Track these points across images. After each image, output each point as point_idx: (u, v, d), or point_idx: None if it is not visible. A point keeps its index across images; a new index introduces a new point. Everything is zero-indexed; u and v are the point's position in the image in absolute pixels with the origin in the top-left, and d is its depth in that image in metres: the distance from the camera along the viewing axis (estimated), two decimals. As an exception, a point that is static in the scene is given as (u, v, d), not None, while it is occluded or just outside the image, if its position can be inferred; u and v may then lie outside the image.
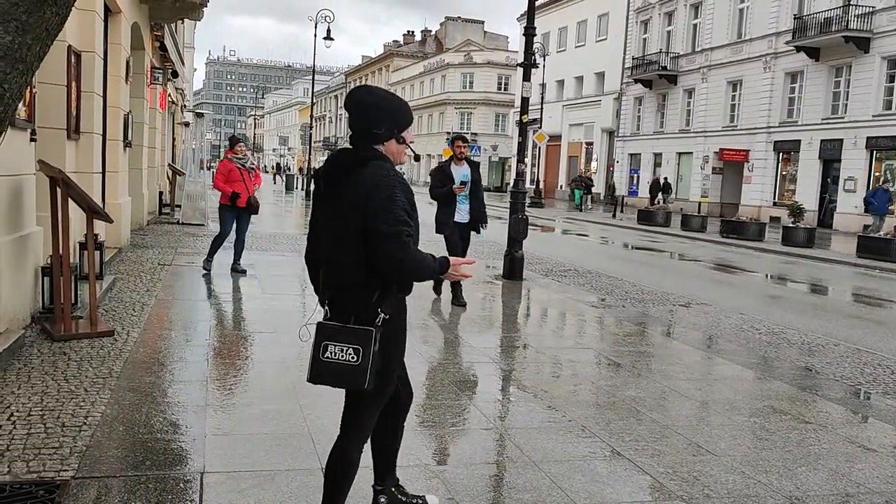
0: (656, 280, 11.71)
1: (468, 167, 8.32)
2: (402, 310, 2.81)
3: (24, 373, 4.77)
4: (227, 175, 9.42)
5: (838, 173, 28.00)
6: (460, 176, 8.22)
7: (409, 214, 2.59)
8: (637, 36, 40.96)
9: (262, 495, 3.26)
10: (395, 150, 2.71)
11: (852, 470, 4.05)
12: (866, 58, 26.84)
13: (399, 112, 2.72)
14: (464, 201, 8.25)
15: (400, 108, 2.74)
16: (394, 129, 2.68)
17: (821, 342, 7.49)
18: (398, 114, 2.71)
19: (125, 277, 8.64)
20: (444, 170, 8.33)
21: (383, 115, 2.68)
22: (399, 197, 2.56)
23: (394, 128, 2.68)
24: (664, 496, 3.56)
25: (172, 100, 24.54)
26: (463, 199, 8.23)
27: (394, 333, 2.73)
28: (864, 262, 16.65)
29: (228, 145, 9.79)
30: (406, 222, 2.55)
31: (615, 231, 24.10)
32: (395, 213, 2.54)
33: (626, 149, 41.91)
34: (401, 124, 2.71)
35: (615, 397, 5.13)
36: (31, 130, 6.14)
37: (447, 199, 8.21)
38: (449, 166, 8.33)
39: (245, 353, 5.72)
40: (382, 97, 2.74)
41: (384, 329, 2.64)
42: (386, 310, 2.64)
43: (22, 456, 3.49)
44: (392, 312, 2.67)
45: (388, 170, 2.62)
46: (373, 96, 2.73)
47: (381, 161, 2.65)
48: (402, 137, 2.71)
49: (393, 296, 2.68)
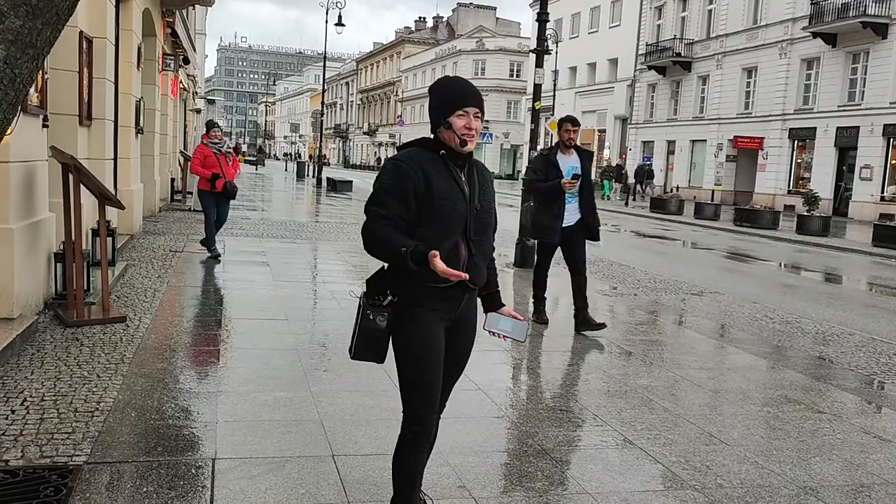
0: (668, 268, 11.64)
1: (577, 157, 6.67)
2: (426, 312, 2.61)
3: (38, 358, 4.80)
4: (202, 160, 9.46)
5: (854, 161, 27.73)
6: (569, 167, 6.52)
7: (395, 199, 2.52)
8: (651, 22, 40.57)
9: (273, 481, 3.27)
10: (447, 137, 2.61)
11: (867, 460, 4.01)
12: (884, 44, 26.49)
13: (443, 96, 2.64)
14: (571, 199, 6.60)
15: (445, 92, 2.65)
16: (440, 116, 2.61)
17: (835, 331, 7.43)
18: (441, 98, 2.64)
19: (137, 264, 8.67)
20: (549, 159, 6.65)
21: (433, 102, 2.66)
22: (384, 179, 2.56)
23: (440, 115, 2.61)
24: (676, 485, 3.53)
25: (184, 86, 24.57)
26: (570, 197, 6.58)
27: (404, 327, 2.61)
28: (880, 251, 16.49)
29: (205, 130, 9.86)
30: (377, 202, 2.54)
31: (627, 219, 23.98)
32: (373, 193, 2.58)
33: (638, 136, 41.65)
34: (447, 108, 2.60)
35: (627, 386, 5.10)
36: (43, 116, 6.14)
37: (552, 197, 6.53)
38: (555, 155, 6.64)
39: (256, 339, 5.73)
40: (435, 85, 2.70)
41: (395, 317, 2.60)
42: (395, 292, 2.59)
43: (35, 441, 3.51)
44: (402, 298, 2.59)
45: (397, 156, 2.62)
46: (434, 84, 2.70)
47: (412, 147, 2.66)
48: (447, 122, 2.59)
49: (406, 280, 2.55)
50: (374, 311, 2.59)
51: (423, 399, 2.63)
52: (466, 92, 2.63)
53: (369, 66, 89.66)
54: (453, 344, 2.74)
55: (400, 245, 2.45)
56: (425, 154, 2.62)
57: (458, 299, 2.67)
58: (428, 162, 2.58)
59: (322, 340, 5.78)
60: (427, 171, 2.55)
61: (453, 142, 2.59)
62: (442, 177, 2.57)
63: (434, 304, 2.62)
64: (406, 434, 2.66)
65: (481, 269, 2.69)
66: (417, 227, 2.54)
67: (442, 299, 2.63)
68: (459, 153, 2.62)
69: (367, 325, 2.59)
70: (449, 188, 2.57)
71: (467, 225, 2.61)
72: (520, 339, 2.75)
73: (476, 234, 2.64)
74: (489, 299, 2.83)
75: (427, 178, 2.54)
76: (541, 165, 6.73)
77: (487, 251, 2.74)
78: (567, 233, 6.61)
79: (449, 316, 2.68)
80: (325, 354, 5.44)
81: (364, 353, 2.65)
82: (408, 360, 2.62)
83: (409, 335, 2.61)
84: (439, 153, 2.60)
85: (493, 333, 2.74)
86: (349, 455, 3.60)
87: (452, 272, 2.41)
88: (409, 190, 2.52)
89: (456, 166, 2.63)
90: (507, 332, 2.71)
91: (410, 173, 2.53)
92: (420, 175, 2.53)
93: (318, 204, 22.75)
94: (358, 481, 3.32)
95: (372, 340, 2.62)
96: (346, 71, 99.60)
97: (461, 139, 2.58)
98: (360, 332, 2.62)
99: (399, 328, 2.61)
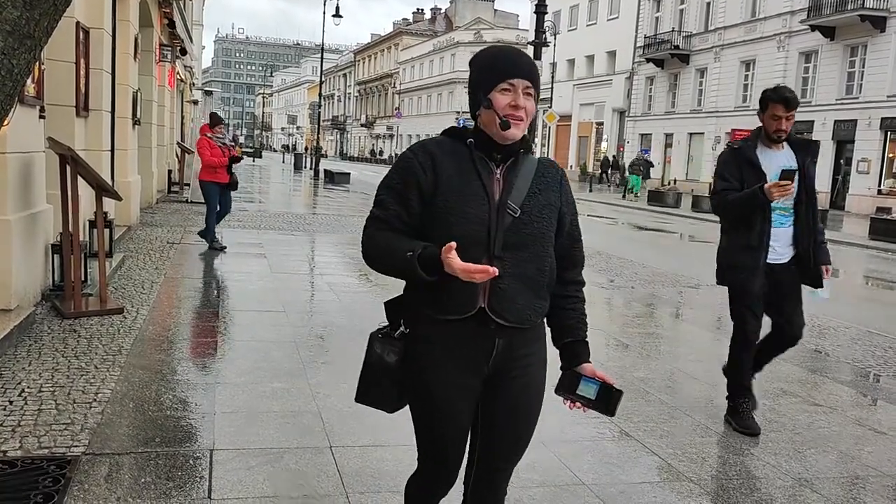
0: (666, 261, 11.66)
1: (792, 152, 4.21)
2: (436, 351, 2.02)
3: (35, 349, 4.80)
4: (211, 151, 9.61)
5: (851, 154, 27.76)
6: (777, 168, 4.05)
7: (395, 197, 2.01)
8: (649, 14, 40.50)
9: (271, 472, 3.28)
10: (487, 120, 1.99)
11: (862, 452, 4.03)
12: (882, 37, 26.47)
13: (483, 67, 2.03)
14: (782, 219, 4.17)
15: (486, 62, 2.04)
16: (479, 93, 2.00)
17: (831, 324, 7.45)
18: (481, 69, 2.03)
19: (135, 255, 8.67)
20: (745, 155, 4.15)
21: (472, 77, 2.06)
22: (389, 174, 2.06)
23: (479, 91, 2.01)
24: (673, 477, 3.55)
25: (181, 78, 24.48)
26: (783, 214, 4.16)
27: (408, 366, 2.07)
28: (877, 244, 16.53)
29: (209, 124, 9.90)
30: (377, 202, 2.03)
31: (624, 212, 23.99)
32: (376, 193, 2.08)
33: (636, 129, 41.61)
34: (487, 81, 2.00)
35: (624, 378, 5.12)
36: (39, 107, 6.13)
37: (748, 213, 4.09)
38: (753, 150, 4.16)
39: (254, 331, 5.73)
40: (475, 56, 2.08)
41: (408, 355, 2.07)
42: (407, 322, 2.07)
43: (33, 432, 3.52)
44: (414, 330, 2.05)
45: (412, 145, 2.09)
46: (474, 57, 2.10)
47: (438, 136, 2.10)
48: (487, 100, 1.97)
49: (417, 312, 2.03)
50: (381, 344, 2.09)
51: (433, 454, 2.15)
52: (515, 60, 2.00)
53: (367, 57, 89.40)
54: (493, 407, 2.08)
55: (405, 250, 1.91)
56: (449, 143, 2.05)
57: (486, 342, 2.00)
58: (447, 152, 2.01)
59: (320, 332, 5.79)
60: (439, 163, 1.98)
61: (492, 126, 1.98)
62: (459, 170, 1.98)
63: (447, 344, 2.00)
64: (420, 470, 2.24)
65: (518, 300, 1.97)
66: (422, 238, 1.98)
67: (457, 339, 2.00)
68: (499, 143, 1.99)
69: (373, 359, 2.10)
70: (464, 184, 1.96)
71: (490, 234, 1.94)
72: (608, 413, 2.04)
73: (508, 248, 1.95)
74: (567, 352, 2.12)
75: (437, 170, 1.97)
76: (731, 168, 4.17)
77: (536, 276, 2.01)
78: (776, 274, 4.16)
79: (477, 367, 2.02)
80: (323, 346, 5.45)
81: (369, 396, 2.15)
82: (414, 407, 2.13)
83: (413, 378, 2.08)
84: (466, 142, 2.03)
85: (570, 402, 2.07)
86: (347, 446, 3.61)
87: (475, 267, 1.81)
88: (411, 185, 1.98)
89: (489, 159, 2.01)
90: (588, 399, 2.04)
91: (416, 165, 1.99)
92: (429, 166, 1.98)
93: (315, 196, 22.72)
94: (356, 472, 3.33)
95: (379, 380, 2.11)
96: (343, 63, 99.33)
97: (502, 120, 1.94)
98: (365, 367, 2.13)
99: (408, 371, 2.09)
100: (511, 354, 2.03)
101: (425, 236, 1.96)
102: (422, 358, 2.03)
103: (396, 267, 1.95)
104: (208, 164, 9.58)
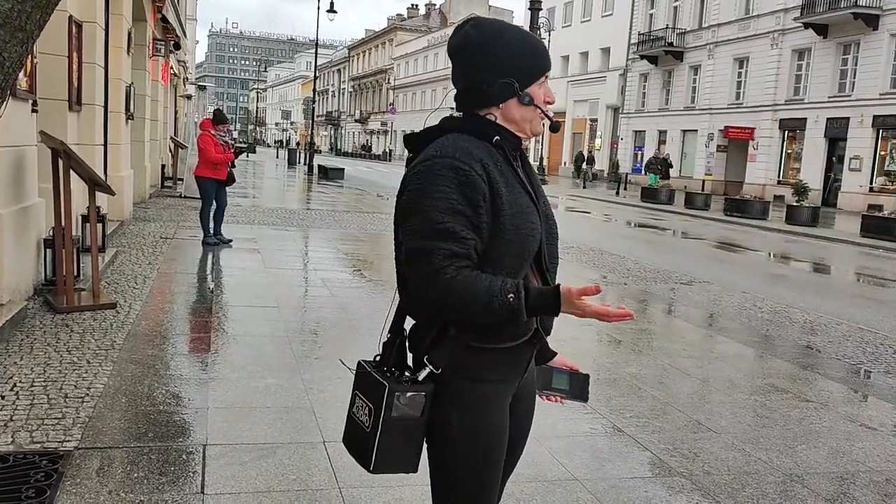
0: (659, 258, 11.69)
1: None
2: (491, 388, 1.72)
3: (27, 344, 4.79)
4: (215, 147, 9.62)
5: (844, 152, 27.84)
6: None
7: (467, 223, 1.61)
8: (643, 11, 40.51)
9: (264, 467, 3.28)
10: (520, 116, 1.75)
11: (852, 448, 4.06)
12: (875, 35, 26.55)
13: (524, 55, 1.74)
14: None
15: (526, 48, 1.75)
16: (514, 83, 1.73)
17: (823, 321, 7.49)
18: (523, 57, 1.74)
19: (127, 250, 8.64)
20: None
21: (496, 61, 1.73)
22: (437, 192, 1.61)
23: (514, 80, 1.73)
24: (664, 472, 3.57)
25: (174, 72, 24.39)
26: None
27: (459, 416, 1.69)
28: (868, 242, 16.60)
29: (213, 120, 9.88)
30: (442, 232, 1.59)
31: (618, 208, 24.03)
32: (426, 218, 1.61)
33: (630, 126, 41.65)
34: (527, 73, 1.75)
35: (616, 374, 5.14)
36: (32, 101, 6.10)
37: None
38: None
39: (247, 326, 5.73)
40: (495, 33, 1.75)
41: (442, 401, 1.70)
42: (437, 360, 1.69)
43: (25, 426, 3.51)
44: (451, 371, 1.69)
45: (444, 148, 1.66)
46: (481, 34, 1.74)
47: (455, 135, 1.73)
48: (527, 95, 1.73)
49: (457, 343, 1.68)
50: (404, 394, 1.67)
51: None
52: (544, 46, 1.82)
53: (361, 53, 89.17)
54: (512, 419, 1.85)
55: (499, 292, 1.57)
56: (479, 145, 1.71)
57: (526, 360, 1.81)
58: (487, 157, 1.69)
59: (313, 328, 5.79)
60: (491, 172, 1.67)
61: (528, 125, 1.77)
62: (505, 179, 1.70)
63: (500, 375, 1.73)
64: None
65: None
66: (481, 262, 1.68)
67: (510, 365, 1.75)
68: (518, 141, 1.80)
69: (395, 416, 1.67)
70: (516, 195, 1.70)
71: (542, 248, 1.75)
72: (582, 399, 1.98)
73: (551, 259, 1.81)
74: (541, 350, 1.94)
75: (492, 182, 1.66)
76: None
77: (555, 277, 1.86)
78: None
79: (514, 387, 1.81)
80: (317, 342, 5.45)
81: (394, 462, 1.72)
82: (461, 466, 1.71)
83: (466, 429, 1.70)
84: (492, 140, 1.73)
85: (545, 396, 1.99)
86: (340, 441, 3.59)
87: (617, 312, 1.61)
88: (478, 205, 1.63)
89: (513, 160, 1.78)
90: (563, 391, 1.98)
91: (477, 179, 1.63)
92: (485, 179, 1.65)
93: (309, 191, 22.67)
94: (349, 466, 3.33)
95: (405, 439, 1.70)
96: (337, 58, 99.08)
97: (553, 122, 1.77)
98: (386, 429, 1.67)
99: (448, 418, 1.70)
100: (533, 365, 1.88)
101: (483, 260, 1.65)
102: (477, 397, 1.70)
103: (489, 315, 1.59)
104: (213, 160, 9.55)
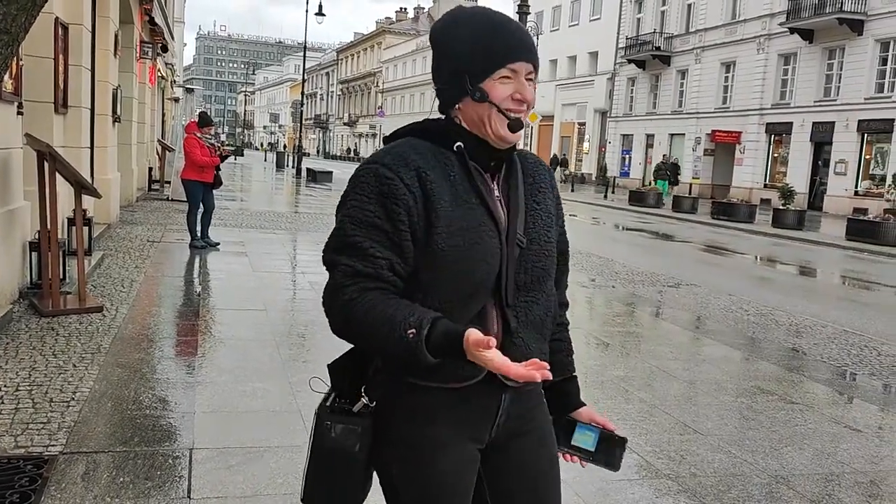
0: (646, 261, 11.74)
1: None
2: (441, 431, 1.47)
3: (12, 348, 4.75)
4: (201, 150, 9.58)
5: (829, 156, 28.08)
6: None
7: (380, 237, 1.40)
8: (631, 15, 40.75)
9: (251, 471, 3.27)
10: (477, 116, 1.46)
11: (837, 450, 4.09)
12: (860, 40, 26.81)
13: (471, 41, 1.45)
14: None
15: (474, 34, 1.46)
16: (462, 80, 1.45)
17: (808, 323, 7.54)
18: (468, 44, 1.46)
19: (114, 253, 8.59)
20: None
21: (446, 53, 1.49)
22: (353, 200, 1.44)
23: (463, 77, 1.45)
24: (651, 474, 3.59)
25: (162, 75, 24.29)
26: None
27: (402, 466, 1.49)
28: (853, 245, 16.75)
29: (199, 123, 9.85)
30: (348, 246, 1.41)
31: (606, 212, 24.12)
32: (338, 229, 1.45)
33: (618, 129, 41.84)
34: (481, 67, 1.45)
35: (603, 377, 5.16)
36: (17, 104, 6.06)
37: None
38: None
39: (234, 329, 5.71)
40: (453, 23, 1.50)
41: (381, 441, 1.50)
42: (371, 393, 1.50)
43: (10, 431, 3.48)
44: (390, 409, 1.48)
45: (378, 154, 1.48)
46: (440, 27, 1.52)
47: (405, 139, 1.52)
48: (478, 90, 1.44)
49: (391, 377, 1.48)
50: (336, 423, 1.48)
51: None
52: (517, 36, 1.47)
53: (349, 56, 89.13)
54: (507, 482, 1.57)
55: (402, 324, 1.34)
56: (427, 149, 1.47)
57: (492, 401, 1.51)
58: (432, 164, 1.45)
59: (301, 331, 5.77)
60: (428, 182, 1.42)
61: (487, 126, 1.46)
62: (453, 190, 1.44)
63: (449, 417, 1.47)
64: None
65: (532, 350, 1.50)
66: (412, 287, 1.44)
67: (464, 413, 1.48)
68: (494, 147, 1.49)
69: (326, 445, 1.49)
70: (465, 211, 1.44)
71: (502, 278, 1.46)
72: (610, 467, 1.67)
73: (521, 292, 1.50)
74: (558, 395, 1.68)
75: (428, 194, 1.42)
76: None
77: (543, 318, 1.55)
78: None
79: (479, 432, 1.52)
80: (304, 345, 5.43)
81: (328, 496, 1.54)
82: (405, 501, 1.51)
83: (408, 477, 1.49)
84: (453, 147, 1.48)
85: (565, 455, 1.68)
86: (328, 445, 3.60)
87: (525, 372, 1.29)
88: (398, 217, 1.41)
89: (484, 170, 1.50)
90: (587, 450, 1.67)
91: (401, 187, 1.41)
92: (417, 188, 1.42)
93: (297, 195, 22.63)
94: (336, 471, 3.33)
95: (342, 474, 1.50)
96: (326, 61, 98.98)
97: (512, 119, 1.45)
98: (315, 457, 1.51)
99: (390, 465, 1.51)
100: (518, 408, 1.55)
101: (415, 285, 1.43)
102: (428, 450, 1.47)
103: (388, 348, 1.37)
104: (199, 163, 9.50)
